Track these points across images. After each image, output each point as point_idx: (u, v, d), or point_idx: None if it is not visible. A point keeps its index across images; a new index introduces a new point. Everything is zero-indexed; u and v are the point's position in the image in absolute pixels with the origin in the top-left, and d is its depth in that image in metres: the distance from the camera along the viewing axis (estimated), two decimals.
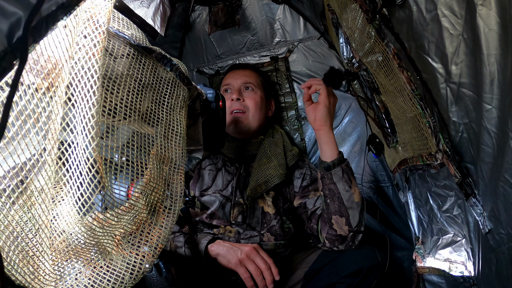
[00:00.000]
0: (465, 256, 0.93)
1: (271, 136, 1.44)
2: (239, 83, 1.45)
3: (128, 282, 0.56)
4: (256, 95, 1.45)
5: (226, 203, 1.28)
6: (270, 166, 1.32)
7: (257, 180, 1.29)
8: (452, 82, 0.71)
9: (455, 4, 0.63)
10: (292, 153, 1.40)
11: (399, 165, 1.15)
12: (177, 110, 0.69)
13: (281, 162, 1.34)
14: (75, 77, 0.46)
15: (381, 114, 1.17)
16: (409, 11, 0.73)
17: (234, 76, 1.49)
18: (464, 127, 0.74)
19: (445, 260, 1.00)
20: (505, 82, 0.57)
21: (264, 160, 1.34)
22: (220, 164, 1.38)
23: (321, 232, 1.18)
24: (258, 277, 1.06)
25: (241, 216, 1.26)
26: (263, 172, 1.30)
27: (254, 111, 1.41)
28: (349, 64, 1.20)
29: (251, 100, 1.42)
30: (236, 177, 1.33)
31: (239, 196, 1.29)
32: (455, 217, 0.93)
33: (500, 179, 0.63)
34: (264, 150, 1.38)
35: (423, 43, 0.74)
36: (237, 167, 1.37)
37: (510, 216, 0.64)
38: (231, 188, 1.31)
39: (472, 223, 0.84)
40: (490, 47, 0.58)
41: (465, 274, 0.91)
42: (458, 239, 0.95)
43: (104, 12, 0.53)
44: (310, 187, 1.34)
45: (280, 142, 1.42)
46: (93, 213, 0.50)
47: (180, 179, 0.66)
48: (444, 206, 0.97)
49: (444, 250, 1.01)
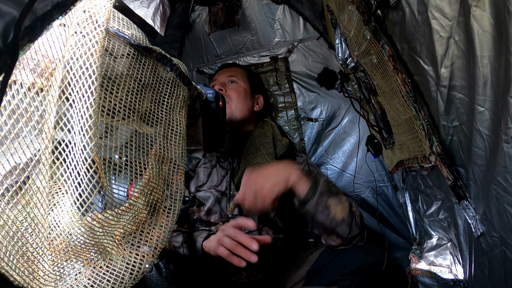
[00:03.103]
0: (450, 260, 0.93)
1: (261, 127, 1.46)
2: (223, 77, 1.50)
3: (128, 282, 0.55)
4: (239, 87, 1.47)
5: (221, 198, 1.30)
6: (258, 154, 1.32)
7: (245, 168, 1.28)
8: (442, 85, 0.70)
9: (446, 6, 0.62)
10: (281, 143, 1.41)
11: (396, 166, 1.15)
12: (177, 110, 0.69)
13: (270, 151, 1.35)
14: (73, 76, 0.46)
15: (378, 115, 1.17)
16: (402, 13, 0.72)
17: (220, 73, 1.55)
18: (454, 130, 0.73)
19: (429, 263, 1.00)
20: (498, 84, 0.56)
21: (252, 150, 1.35)
22: (215, 161, 1.41)
23: (320, 237, 1.18)
24: (237, 248, 1.01)
25: (237, 209, 1.27)
26: (251, 161, 1.31)
27: (237, 101, 1.43)
28: (343, 65, 1.20)
29: (233, 91, 1.45)
30: (230, 171, 1.34)
31: (234, 190, 1.31)
32: (441, 221, 0.93)
33: (493, 181, 0.62)
34: (252, 139, 1.39)
35: (415, 45, 0.73)
36: (230, 162, 1.38)
37: (503, 219, 0.62)
38: (225, 182, 1.33)
39: (462, 226, 0.83)
40: (483, 49, 0.57)
41: (452, 277, 0.91)
42: (443, 243, 0.95)
43: (104, 12, 0.53)
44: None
45: (269, 133, 1.43)
46: (92, 213, 0.50)
47: (180, 179, 0.66)
48: (429, 210, 0.97)
49: (429, 253, 1.00)
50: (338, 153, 1.68)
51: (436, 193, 0.92)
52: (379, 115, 1.16)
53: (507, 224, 0.62)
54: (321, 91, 1.68)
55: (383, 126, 1.16)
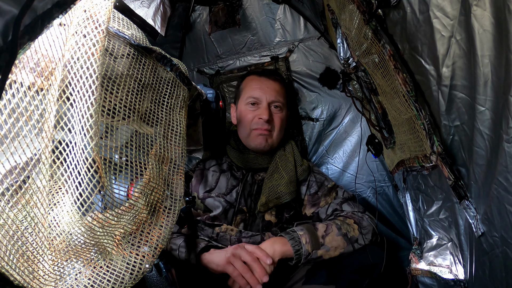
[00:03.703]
0: (450, 260, 0.93)
1: (283, 149, 1.42)
2: (269, 99, 1.37)
3: (128, 282, 0.55)
4: (283, 115, 1.41)
5: (229, 209, 1.28)
6: (282, 183, 1.31)
7: (268, 196, 1.29)
8: (443, 84, 0.70)
9: (448, 5, 0.62)
10: (302, 168, 1.39)
11: (397, 165, 1.15)
12: (177, 110, 0.69)
13: (292, 179, 1.33)
14: (74, 76, 0.46)
15: (379, 115, 1.17)
16: (403, 12, 0.72)
17: (263, 88, 1.39)
18: (455, 129, 0.73)
19: (429, 263, 1.00)
20: (499, 83, 0.56)
21: (275, 176, 1.33)
22: (225, 167, 1.38)
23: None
24: (247, 273, 1.04)
25: (242, 224, 1.27)
26: (275, 189, 1.30)
27: (279, 130, 1.38)
28: (345, 64, 1.20)
29: (278, 120, 1.38)
30: (242, 184, 1.32)
31: (243, 204, 1.29)
32: (441, 220, 0.93)
33: (494, 181, 0.62)
34: (275, 165, 1.36)
35: (416, 44, 0.73)
36: (243, 173, 1.36)
37: (503, 218, 0.63)
38: (235, 194, 1.31)
39: (462, 226, 0.83)
40: (484, 48, 0.57)
41: (452, 277, 0.91)
42: (443, 243, 0.95)
43: (104, 12, 0.53)
44: (319, 192, 1.34)
45: (291, 156, 1.40)
46: (92, 213, 0.50)
47: (180, 179, 0.66)
48: (429, 210, 0.97)
49: (429, 253, 1.00)
50: (339, 152, 1.68)
51: (437, 192, 0.92)
52: (380, 115, 1.16)
53: (508, 224, 0.62)
54: (322, 91, 1.68)
55: (384, 126, 1.16)
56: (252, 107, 1.38)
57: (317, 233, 1.13)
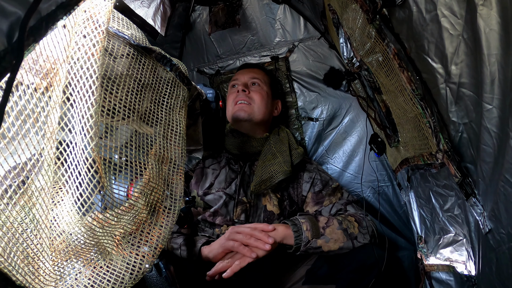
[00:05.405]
0: (466, 256, 0.93)
1: (277, 134, 1.45)
2: (246, 78, 1.49)
3: (128, 282, 0.56)
4: (262, 90, 1.47)
5: (229, 201, 1.29)
6: (275, 162, 1.32)
7: (261, 176, 1.29)
8: (452, 82, 0.71)
9: (455, 4, 0.63)
10: (297, 151, 1.41)
11: (401, 164, 1.15)
12: (176, 110, 0.69)
13: (286, 159, 1.34)
14: (74, 76, 0.46)
15: (382, 113, 1.17)
16: (409, 11, 0.73)
17: (242, 73, 1.54)
18: (464, 127, 0.74)
19: (445, 259, 1.00)
20: (506, 81, 0.57)
21: (269, 157, 1.35)
22: (224, 162, 1.39)
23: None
24: (250, 239, 1.06)
25: (244, 215, 1.27)
26: (268, 168, 1.30)
27: (260, 104, 1.42)
28: (349, 64, 1.20)
29: (257, 94, 1.44)
30: (240, 175, 1.33)
31: (243, 195, 1.30)
32: (456, 216, 0.93)
33: (501, 178, 0.63)
34: (269, 146, 1.38)
35: (423, 43, 0.73)
36: (241, 165, 1.37)
37: (510, 216, 0.63)
38: (234, 186, 1.32)
39: (472, 223, 0.84)
40: (490, 47, 0.57)
41: (466, 273, 0.92)
42: (459, 239, 0.95)
43: (104, 12, 0.53)
44: (323, 191, 1.34)
45: (285, 140, 1.42)
46: (92, 213, 0.50)
47: (180, 179, 0.66)
48: (446, 206, 0.97)
49: (445, 249, 1.00)
50: (339, 152, 1.68)
51: (449, 189, 0.92)
52: (383, 114, 1.16)
53: None
54: (322, 90, 1.68)
55: (387, 125, 1.16)
56: (232, 89, 1.50)
57: (318, 223, 1.14)
